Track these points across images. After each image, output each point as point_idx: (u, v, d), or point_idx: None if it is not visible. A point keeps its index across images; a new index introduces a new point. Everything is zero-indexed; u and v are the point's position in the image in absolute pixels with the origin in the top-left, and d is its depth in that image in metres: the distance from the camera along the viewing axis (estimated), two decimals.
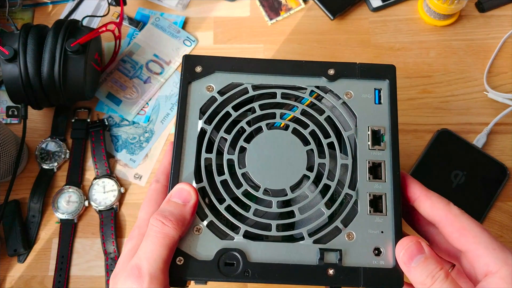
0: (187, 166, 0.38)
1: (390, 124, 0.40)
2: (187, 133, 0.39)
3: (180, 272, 0.35)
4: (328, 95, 0.41)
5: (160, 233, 0.34)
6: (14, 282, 0.56)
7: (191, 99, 0.40)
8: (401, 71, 0.65)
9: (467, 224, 0.35)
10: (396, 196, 0.37)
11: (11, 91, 0.56)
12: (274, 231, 0.37)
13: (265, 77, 0.41)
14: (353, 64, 0.41)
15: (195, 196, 0.36)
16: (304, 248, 0.36)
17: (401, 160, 0.61)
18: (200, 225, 0.37)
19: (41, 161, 0.60)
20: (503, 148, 0.61)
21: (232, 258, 0.36)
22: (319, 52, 0.66)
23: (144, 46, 0.66)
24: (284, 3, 0.68)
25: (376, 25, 0.67)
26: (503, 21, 0.67)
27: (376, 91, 0.40)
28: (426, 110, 0.63)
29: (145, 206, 0.38)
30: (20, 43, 0.55)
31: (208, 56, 0.41)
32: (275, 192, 0.38)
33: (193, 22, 0.68)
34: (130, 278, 0.33)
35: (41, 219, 0.59)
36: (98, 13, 0.68)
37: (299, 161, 0.39)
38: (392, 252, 0.36)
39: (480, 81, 0.64)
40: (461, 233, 0.35)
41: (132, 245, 0.36)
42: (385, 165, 0.38)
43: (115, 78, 0.65)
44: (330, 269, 0.36)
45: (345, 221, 0.37)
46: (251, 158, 0.39)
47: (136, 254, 0.34)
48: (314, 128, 0.39)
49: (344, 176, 0.39)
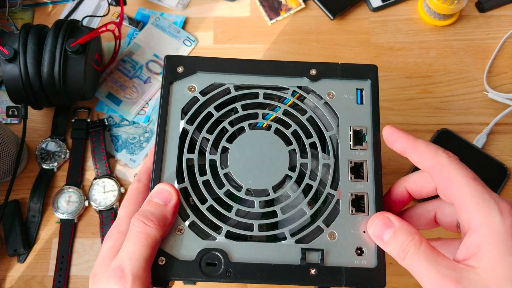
0: (168, 166, 0.38)
1: (372, 124, 0.40)
2: (168, 133, 0.39)
3: (162, 272, 0.35)
4: (310, 95, 0.41)
5: (142, 233, 0.34)
6: (14, 282, 0.56)
7: (173, 99, 0.40)
8: (401, 71, 0.65)
9: (453, 174, 0.33)
10: (378, 195, 0.38)
11: (11, 91, 0.56)
12: (256, 231, 0.37)
13: (247, 77, 0.41)
14: (335, 64, 0.41)
15: (176, 197, 0.36)
16: (286, 248, 0.36)
17: (401, 160, 0.61)
18: (182, 225, 0.37)
19: (41, 161, 0.60)
20: (503, 148, 0.61)
21: (214, 258, 0.36)
22: (319, 52, 0.66)
23: (144, 46, 0.66)
24: (284, 3, 0.68)
25: (376, 25, 0.67)
26: (503, 21, 0.67)
27: (358, 91, 0.41)
28: (426, 110, 0.63)
29: (126, 205, 0.38)
30: (20, 43, 0.55)
31: (190, 56, 0.41)
32: (257, 192, 0.38)
33: (193, 22, 0.68)
34: (113, 279, 0.32)
35: (41, 219, 0.59)
36: (98, 13, 0.68)
37: (281, 161, 0.39)
38: (374, 252, 0.36)
39: (480, 81, 0.64)
40: (446, 184, 0.33)
41: (111, 244, 0.36)
42: (367, 165, 0.38)
43: (115, 78, 0.65)
44: (312, 268, 0.36)
45: (327, 221, 0.37)
46: (233, 158, 0.39)
47: (118, 254, 0.34)
48: (296, 128, 0.40)
49: (326, 176, 0.39)
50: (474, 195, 0.31)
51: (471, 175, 0.32)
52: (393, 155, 0.61)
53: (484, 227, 0.30)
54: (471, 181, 0.32)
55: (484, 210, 0.31)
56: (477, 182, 0.32)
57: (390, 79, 0.65)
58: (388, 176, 0.60)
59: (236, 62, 0.41)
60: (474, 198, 0.31)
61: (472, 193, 0.31)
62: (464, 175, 0.32)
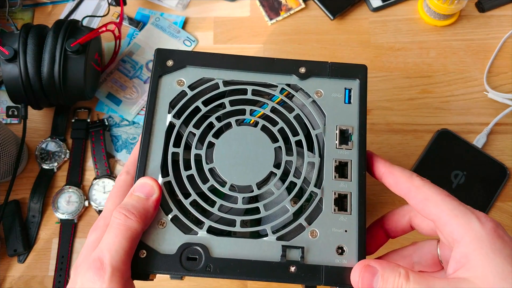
0: (153, 159, 0.38)
1: (359, 124, 0.40)
2: (155, 126, 0.39)
3: (142, 265, 0.35)
4: (298, 93, 0.41)
5: (122, 226, 0.34)
6: (14, 282, 0.56)
7: (161, 93, 0.40)
8: (401, 71, 0.65)
9: (429, 193, 0.34)
10: (362, 195, 0.38)
11: (11, 91, 0.56)
12: (239, 227, 0.37)
13: (236, 73, 0.41)
14: (324, 63, 0.41)
15: (158, 190, 0.37)
16: (267, 245, 0.36)
17: (401, 160, 0.61)
18: (164, 219, 0.37)
19: (41, 161, 0.60)
20: (503, 148, 0.61)
21: (195, 252, 0.36)
22: (319, 52, 0.66)
23: (144, 46, 0.66)
24: (284, 3, 0.68)
25: (376, 25, 0.67)
26: (503, 21, 0.67)
27: (346, 91, 0.41)
28: (426, 110, 0.63)
29: (113, 197, 0.38)
30: (20, 43, 0.55)
31: (180, 50, 0.41)
32: (241, 188, 0.38)
33: (193, 22, 0.68)
34: (92, 270, 0.32)
35: (41, 219, 0.59)
36: (98, 13, 0.68)
37: (266, 158, 0.39)
38: (355, 251, 0.36)
39: (480, 81, 0.64)
40: (424, 204, 0.34)
41: (96, 236, 0.36)
42: (352, 165, 0.38)
43: (115, 78, 0.65)
44: (292, 266, 0.35)
45: (309, 219, 0.37)
46: (219, 154, 0.39)
47: (98, 246, 0.34)
48: (283, 125, 0.40)
49: (310, 174, 0.39)
50: (451, 209, 0.33)
51: (445, 193, 0.34)
52: (393, 156, 0.61)
53: (467, 235, 0.31)
54: (446, 198, 0.34)
55: (463, 220, 0.32)
56: (451, 197, 0.34)
57: (390, 79, 0.65)
58: None
59: (226, 57, 0.41)
60: (452, 211, 0.33)
61: (449, 207, 0.33)
62: (438, 193, 0.34)
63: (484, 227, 0.31)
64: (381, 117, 0.63)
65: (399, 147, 0.62)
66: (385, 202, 0.59)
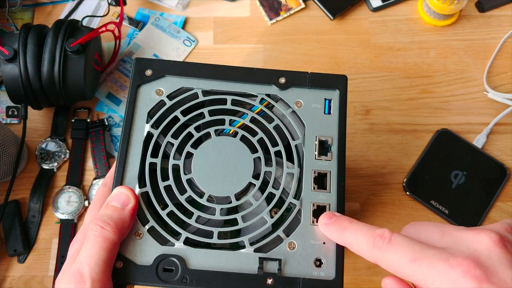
0: (131, 170, 0.38)
1: (338, 135, 0.39)
2: (133, 137, 0.39)
3: (119, 276, 0.35)
4: (278, 103, 0.40)
5: (99, 237, 0.34)
6: (14, 282, 0.56)
7: (140, 102, 0.40)
8: (401, 71, 0.65)
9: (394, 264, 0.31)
10: (340, 207, 0.37)
11: (11, 91, 0.56)
12: (216, 238, 0.36)
13: (216, 83, 0.40)
14: (304, 73, 0.41)
15: (134, 200, 0.36)
16: (245, 257, 0.36)
17: (401, 160, 0.61)
18: (141, 230, 0.36)
19: (41, 161, 0.60)
20: (503, 148, 0.62)
21: (171, 264, 0.36)
22: (319, 52, 0.66)
23: (144, 46, 0.66)
24: (284, 3, 0.68)
25: (376, 25, 0.68)
26: (503, 21, 0.67)
27: (326, 101, 0.40)
28: (426, 110, 0.63)
29: (92, 210, 0.38)
30: (20, 43, 0.55)
31: (159, 59, 0.41)
32: (219, 199, 0.38)
33: (193, 22, 0.68)
34: (72, 284, 0.33)
35: (41, 219, 0.59)
36: (98, 13, 0.68)
37: (245, 169, 0.38)
38: (333, 264, 0.36)
39: (480, 81, 0.64)
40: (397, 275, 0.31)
41: (76, 249, 0.36)
42: (331, 176, 0.38)
43: (115, 78, 0.65)
44: (269, 278, 0.35)
45: (287, 231, 0.37)
46: (197, 164, 0.38)
47: (77, 259, 0.34)
48: (263, 136, 0.39)
49: (290, 184, 0.38)
50: (420, 271, 0.29)
51: (410, 257, 0.30)
52: (393, 156, 0.61)
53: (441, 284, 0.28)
54: (410, 263, 0.30)
55: (435, 270, 0.29)
56: (418, 261, 0.30)
57: (390, 79, 0.65)
58: (388, 176, 0.60)
59: (205, 67, 0.41)
60: (424, 271, 0.29)
61: (419, 270, 0.29)
62: (401, 261, 0.31)
63: (454, 268, 0.28)
64: (381, 117, 0.63)
65: (399, 147, 0.62)
66: (385, 202, 0.59)
